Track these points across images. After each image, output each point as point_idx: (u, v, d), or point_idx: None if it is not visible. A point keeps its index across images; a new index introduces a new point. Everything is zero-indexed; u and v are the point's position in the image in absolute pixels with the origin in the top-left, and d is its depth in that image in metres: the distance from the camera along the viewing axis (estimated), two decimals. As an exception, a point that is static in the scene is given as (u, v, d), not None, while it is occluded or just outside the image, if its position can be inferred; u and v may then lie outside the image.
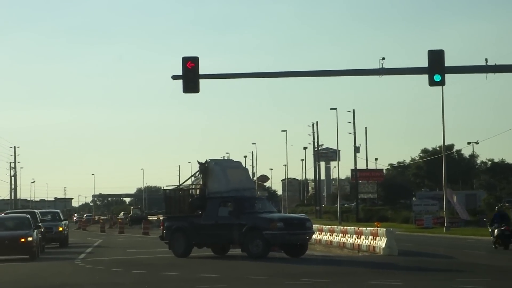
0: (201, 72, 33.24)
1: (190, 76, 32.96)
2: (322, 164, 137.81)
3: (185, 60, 33.13)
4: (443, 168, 67.00)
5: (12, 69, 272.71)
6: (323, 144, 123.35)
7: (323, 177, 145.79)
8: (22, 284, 25.01)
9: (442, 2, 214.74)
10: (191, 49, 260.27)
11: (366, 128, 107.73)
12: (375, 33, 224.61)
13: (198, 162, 36.12)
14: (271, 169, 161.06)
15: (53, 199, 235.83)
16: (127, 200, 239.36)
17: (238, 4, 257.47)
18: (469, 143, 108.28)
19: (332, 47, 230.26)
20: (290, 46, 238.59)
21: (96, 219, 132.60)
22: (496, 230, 39.31)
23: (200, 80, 33.22)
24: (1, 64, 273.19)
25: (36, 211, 50.41)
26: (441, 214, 71.40)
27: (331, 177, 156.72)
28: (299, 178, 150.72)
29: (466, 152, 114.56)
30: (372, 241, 36.40)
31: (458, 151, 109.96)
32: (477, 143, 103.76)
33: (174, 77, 33.24)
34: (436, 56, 32.91)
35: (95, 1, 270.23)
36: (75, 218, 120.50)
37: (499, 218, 40.11)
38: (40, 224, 41.74)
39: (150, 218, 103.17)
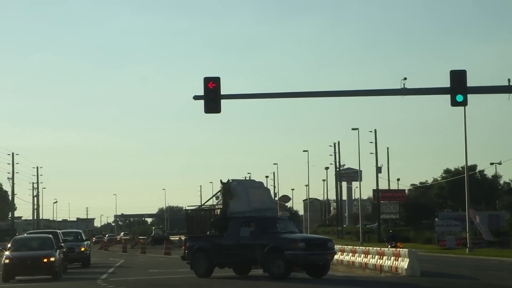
0: (222, 92, 33.34)
1: (212, 96, 33.07)
2: (344, 184, 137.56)
3: (207, 80, 33.27)
4: (465, 188, 66.60)
5: (35, 89, 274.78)
6: (344, 164, 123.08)
7: (345, 197, 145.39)
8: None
9: (464, 22, 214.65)
10: (212, 70, 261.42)
11: (388, 148, 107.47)
12: (397, 53, 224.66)
13: (221, 182, 36.16)
14: (293, 189, 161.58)
15: (75, 219, 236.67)
16: (149, 220, 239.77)
17: (260, 25, 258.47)
18: (492, 164, 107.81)
19: (354, 67, 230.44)
20: (312, 66, 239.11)
21: (118, 239, 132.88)
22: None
23: (222, 100, 33.31)
24: (24, 83, 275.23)
25: (58, 231, 50.53)
26: (464, 235, 70.94)
27: (353, 197, 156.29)
28: (320, 198, 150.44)
29: (489, 172, 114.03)
30: (394, 261, 36.21)
31: (481, 172, 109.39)
32: (500, 163, 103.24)
33: (196, 98, 33.36)
34: (458, 76, 32.85)
35: (117, 23, 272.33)
36: (94, 239, 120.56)
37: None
38: (62, 244, 41.87)
39: (172, 238, 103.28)
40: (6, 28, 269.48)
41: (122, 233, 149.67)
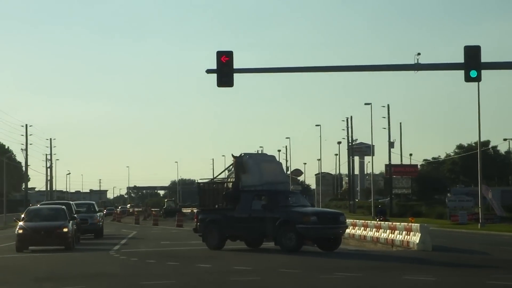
0: (235, 66, 33.32)
1: (225, 70, 33.05)
2: (356, 159, 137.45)
3: (220, 54, 33.23)
4: (478, 164, 66.49)
5: (49, 63, 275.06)
6: (357, 139, 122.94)
7: (357, 172, 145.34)
8: (57, 274, 25.26)
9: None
10: (225, 43, 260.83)
11: (400, 123, 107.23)
12: (411, 28, 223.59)
13: (233, 156, 36.24)
14: (305, 164, 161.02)
15: (88, 191, 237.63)
16: (161, 192, 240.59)
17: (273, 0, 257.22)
18: (505, 139, 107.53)
19: (367, 42, 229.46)
20: (325, 41, 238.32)
21: (130, 211, 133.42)
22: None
23: (234, 74, 33.30)
24: (38, 57, 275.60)
25: (71, 202, 50.86)
26: (476, 210, 70.89)
27: (365, 172, 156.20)
28: (332, 172, 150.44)
29: (502, 148, 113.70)
30: (406, 236, 36.28)
31: (494, 147, 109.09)
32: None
33: (209, 71, 33.35)
34: (472, 52, 32.72)
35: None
36: (105, 211, 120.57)
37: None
38: (75, 215, 42.15)
39: (184, 211, 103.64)
40: (18, 3, 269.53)
41: (129, 205, 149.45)
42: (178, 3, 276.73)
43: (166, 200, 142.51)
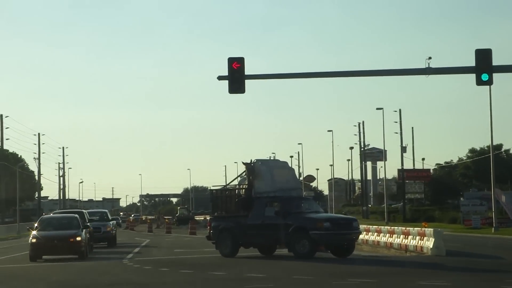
0: (246, 72, 33.32)
1: (236, 76, 33.05)
2: (369, 164, 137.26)
3: (231, 60, 33.24)
4: (491, 168, 66.25)
5: (62, 70, 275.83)
6: (369, 144, 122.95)
7: (369, 177, 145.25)
8: (70, 284, 25.29)
9: (490, 0, 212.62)
10: (237, 50, 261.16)
11: (412, 128, 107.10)
12: (421, 33, 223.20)
13: (244, 163, 36.21)
14: (317, 169, 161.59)
15: (101, 199, 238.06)
16: (174, 200, 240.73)
17: (284, 5, 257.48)
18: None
19: (379, 47, 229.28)
20: (336, 46, 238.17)
21: (143, 219, 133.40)
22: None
23: (246, 81, 33.31)
24: (50, 65, 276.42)
25: (84, 211, 50.88)
26: (490, 214, 70.60)
27: (378, 177, 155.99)
28: (345, 178, 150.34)
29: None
30: (419, 241, 36.15)
31: (507, 151, 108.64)
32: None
33: (220, 78, 33.35)
34: (483, 55, 32.61)
35: (141, 4, 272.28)
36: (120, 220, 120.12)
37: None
38: (88, 224, 42.16)
39: (197, 218, 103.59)
40: (28, 8, 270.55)
41: (132, 215, 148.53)
42: (190, 8, 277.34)
43: (179, 207, 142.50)
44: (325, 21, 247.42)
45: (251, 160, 36.09)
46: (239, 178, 38.22)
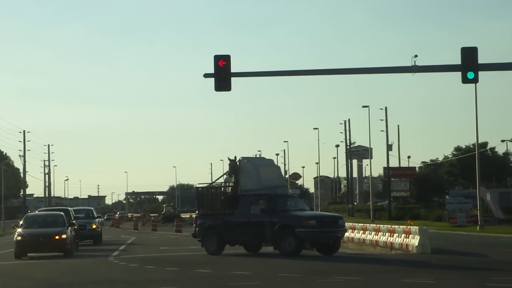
0: (232, 70, 33.31)
1: (222, 74, 33.04)
2: (354, 162, 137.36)
3: (217, 58, 33.23)
4: (476, 166, 66.48)
5: (47, 68, 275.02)
6: (355, 142, 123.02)
7: (355, 175, 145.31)
8: (56, 281, 25.21)
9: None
10: (222, 48, 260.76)
11: (398, 126, 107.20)
12: (407, 31, 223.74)
13: (229, 159, 36.19)
14: (303, 167, 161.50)
15: (87, 197, 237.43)
16: (160, 197, 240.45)
17: (269, 3, 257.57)
18: (503, 141, 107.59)
19: (365, 45, 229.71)
20: (322, 44, 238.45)
21: (129, 216, 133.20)
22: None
23: (232, 78, 33.30)
24: (37, 63, 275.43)
25: (70, 208, 50.76)
26: (475, 212, 70.85)
27: (364, 175, 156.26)
28: (331, 176, 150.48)
29: (500, 149, 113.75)
30: (405, 239, 36.26)
31: (492, 149, 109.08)
32: (511, 140, 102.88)
33: (206, 76, 33.34)
34: (469, 53, 32.71)
35: (127, 1, 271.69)
36: (105, 217, 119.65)
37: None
38: (74, 221, 42.06)
39: (183, 216, 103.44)
40: (16, 6, 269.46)
41: (118, 212, 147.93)
42: (175, 7, 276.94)
43: (164, 205, 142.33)
44: (311, 20, 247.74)
45: (235, 157, 36.10)
46: (224, 176, 38.19)
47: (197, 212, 39.07)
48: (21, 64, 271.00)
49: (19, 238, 36.50)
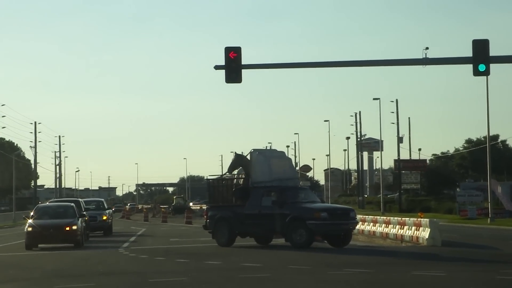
0: (243, 62, 33.28)
1: (233, 66, 33.01)
2: (365, 154, 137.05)
3: (228, 50, 33.19)
4: (487, 158, 66.31)
5: (58, 59, 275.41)
6: (366, 134, 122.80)
7: (366, 167, 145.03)
8: (66, 272, 25.26)
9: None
10: (233, 39, 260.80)
11: (409, 118, 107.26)
12: (419, 23, 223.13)
13: (235, 153, 36.29)
14: (314, 159, 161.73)
15: (97, 188, 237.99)
16: (170, 189, 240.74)
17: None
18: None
19: (376, 37, 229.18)
20: (333, 35, 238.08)
21: (139, 208, 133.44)
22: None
23: (243, 70, 33.26)
24: (47, 54, 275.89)
25: (80, 199, 50.86)
26: (486, 205, 70.70)
27: (374, 168, 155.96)
28: (341, 168, 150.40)
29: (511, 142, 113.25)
30: (415, 231, 36.20)
31: (503, 141, 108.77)
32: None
33: (217, 67, 33.31)
34: (480, 46, 32.59)
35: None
36: (113, 208, 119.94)
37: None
38: (84, 212, 42.15)
39: (193, 208, 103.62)
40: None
41: (129, 204, 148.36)
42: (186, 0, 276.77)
43: (175, 197, 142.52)
44: (322, 11, 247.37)
45: (242, 152, 36.15)
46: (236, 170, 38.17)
47: (208, 203, 39.05)
48: (32, 55, 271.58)
49: (29, 229, 36.60)
